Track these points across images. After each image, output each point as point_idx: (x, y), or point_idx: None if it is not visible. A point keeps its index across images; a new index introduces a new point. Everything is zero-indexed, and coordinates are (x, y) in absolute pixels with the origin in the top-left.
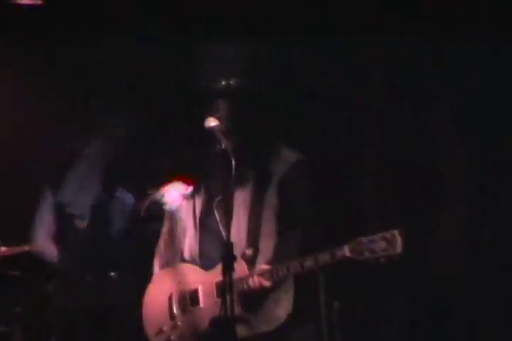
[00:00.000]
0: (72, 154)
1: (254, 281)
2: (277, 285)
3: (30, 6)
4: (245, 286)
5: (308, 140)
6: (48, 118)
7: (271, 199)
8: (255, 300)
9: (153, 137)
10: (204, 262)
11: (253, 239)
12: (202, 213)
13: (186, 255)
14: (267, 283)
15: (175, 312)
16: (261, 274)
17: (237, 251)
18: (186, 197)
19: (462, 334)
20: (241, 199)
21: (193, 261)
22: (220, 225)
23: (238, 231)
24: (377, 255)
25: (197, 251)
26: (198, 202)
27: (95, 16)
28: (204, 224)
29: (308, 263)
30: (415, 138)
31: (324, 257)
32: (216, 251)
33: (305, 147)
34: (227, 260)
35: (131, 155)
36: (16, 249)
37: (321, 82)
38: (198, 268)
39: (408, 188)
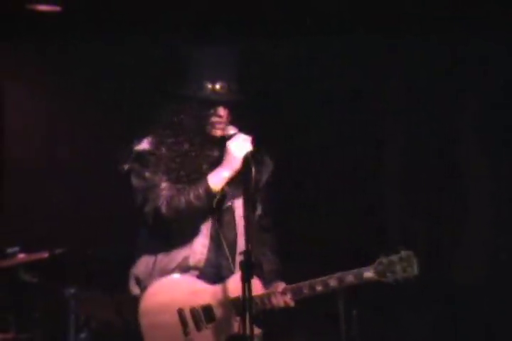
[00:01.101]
0: None
1: (278, 300)
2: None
3: (49, 12)
4: (268, 305)
5: (326, 143)
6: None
7: (259, 207)
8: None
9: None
10: (208, 270)
11: (256, 250)
12: (211, 218)
13: (191, 261)
14: (291, 303)
15: (189, 328)
16: (284, 292)
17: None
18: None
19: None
20: (238, 211)
21: (196, 269)
22: (220, 235)
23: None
24: (398, 276)
25: (204, 259)
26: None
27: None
28: (214, 231)
29: (333, 283)
30: (436, 142)
31: (349, 278)
32: (217, 260)
33: (323, 150)
34: (247, 268)
35: None
36: (34, 256)
37: (338, 84)
38: (197, 280)
39: (429, 195)
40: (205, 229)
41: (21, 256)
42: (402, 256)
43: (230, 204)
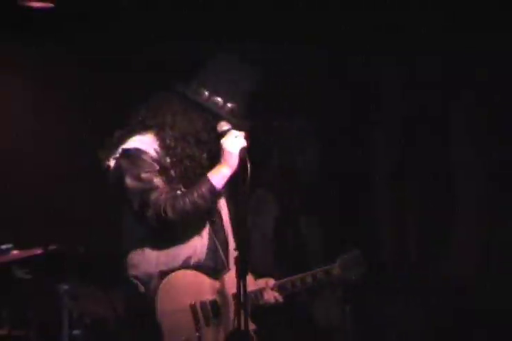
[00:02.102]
0: None
1: (270, 296)
2: None
3: (42, 9)
4: (261, 301)
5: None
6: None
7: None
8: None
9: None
10: (205, 268)
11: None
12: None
13: (193, 261)
14: (281, 299)
15: (200, 324)
16: (274, 288)
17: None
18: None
19: (476, 335)
20: (223, 211)
21: (197, 267)
22: (212, 235)
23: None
24: (353, 273)
25: (204, 257)
26: None
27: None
28: (210, 232)
29: (309, 279)
30: (427, 134)
31: (320, 275)
32: (218, 258)
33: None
34: (242, 266)
35: None
36: (28, 252)
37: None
38: (204, 275)
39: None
40: (204, 229)
41: (15, 252)
42: (355, 254)
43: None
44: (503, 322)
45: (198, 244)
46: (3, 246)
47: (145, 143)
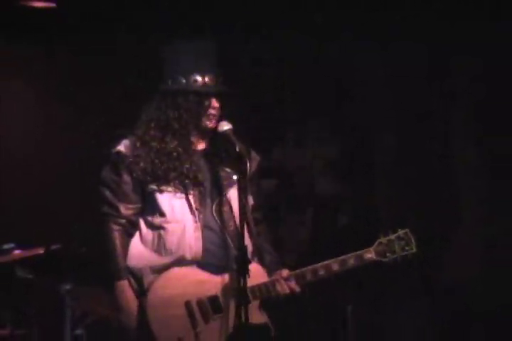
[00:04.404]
0: None
1: (283, 287)
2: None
3: (44, 8)
4: (273, 292)
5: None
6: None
7: (250, 199)
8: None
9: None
10: (208, 263)
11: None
12: (199, 211)
13: (188, 255)
14: (297, 289)
15: (197, 321)
16: (288, 279)
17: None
18: None
19: (479, 337)
20: (234, 201)
21: (194, 262)
22: (221, 226)
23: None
24: (397, 255)
25: (200, 251)
26: (194, 198)
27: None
28: (204, 223)
29: (336, 267)
30: (428, 135)
31: (351, 261)
32: (220, 251)
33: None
34: (243, 264)
35: None
36: (30, 252)
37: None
38: (202, 271)
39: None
40: (193, 221)
41: (17, 252)
42: (400, 234)
43: (225, 193)
44: (500, 322)
45: (192, 238)
46: (5, 246)
47: (131, 145)
